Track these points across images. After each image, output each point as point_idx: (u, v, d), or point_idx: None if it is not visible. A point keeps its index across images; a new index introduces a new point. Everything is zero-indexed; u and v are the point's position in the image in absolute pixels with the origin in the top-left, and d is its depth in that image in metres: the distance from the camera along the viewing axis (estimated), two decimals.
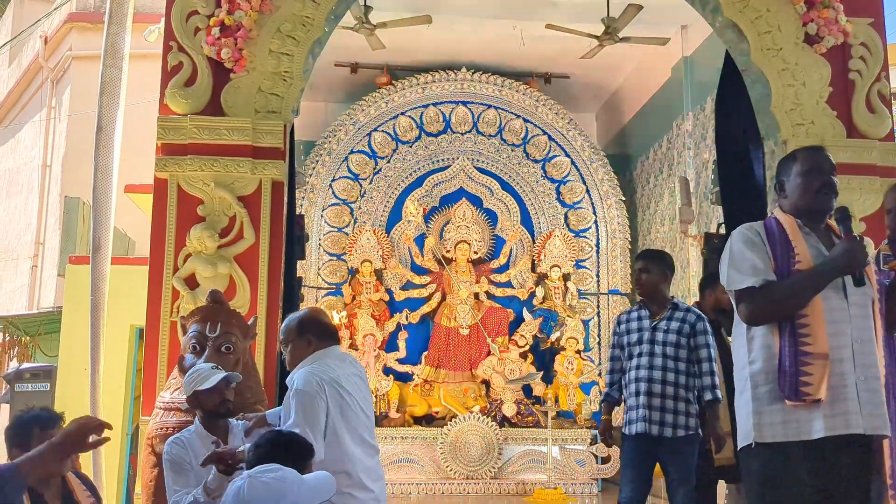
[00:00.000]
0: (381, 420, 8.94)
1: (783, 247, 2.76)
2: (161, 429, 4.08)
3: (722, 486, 5.36)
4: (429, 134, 10.20)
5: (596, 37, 8.44)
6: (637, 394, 4.67)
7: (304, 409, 3.26)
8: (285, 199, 5.49)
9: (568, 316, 9.62)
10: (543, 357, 9.60)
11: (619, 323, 4.94)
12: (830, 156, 2.98)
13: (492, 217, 10.18)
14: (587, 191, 10.21)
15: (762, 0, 5.74)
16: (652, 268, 4.89)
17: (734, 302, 2.82)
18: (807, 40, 5.76)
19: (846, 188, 5.62)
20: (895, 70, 6.94)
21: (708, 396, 4.68)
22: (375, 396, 9.01)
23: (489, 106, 10.18)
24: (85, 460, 6.09)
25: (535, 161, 10.25)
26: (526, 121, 10.19)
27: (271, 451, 3.05)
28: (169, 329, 5.11)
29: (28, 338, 11.56)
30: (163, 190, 5.32)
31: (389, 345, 9.48)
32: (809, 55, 5.74)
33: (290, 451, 3.07)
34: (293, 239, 5.92)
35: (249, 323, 4.45)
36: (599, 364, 9.80)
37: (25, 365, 9.96)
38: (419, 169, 10.19)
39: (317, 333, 3.57)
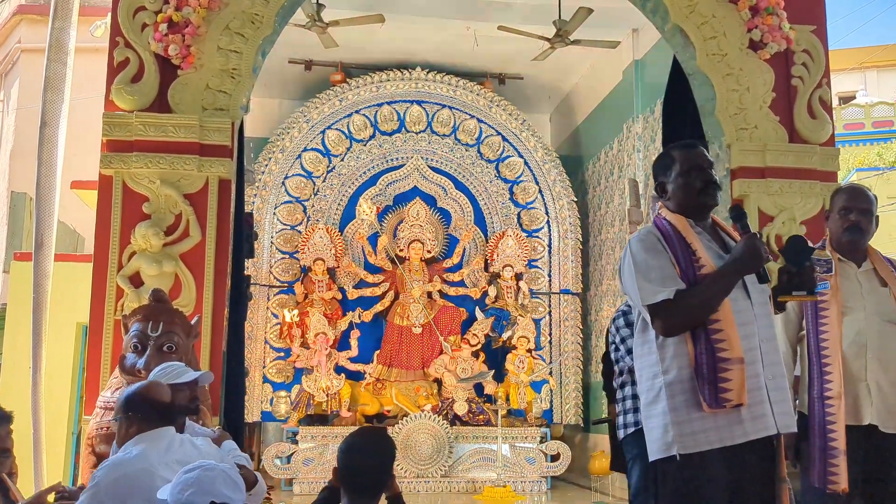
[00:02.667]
0: (332, 419, 8.93)
1: (683, 251, 2.72)
2: (100, 429, 4.04)
3: None
4: (383, 133, 10.18)
5: (547, 39, 8.49)
6: None
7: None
8: (233, 196, 5.46)
9: (520, 315, 9.68)
10: (495, 356, 9.64)
11: None
12: (706, 151, 2.93)
13: (445, 216, 10.20)
14: (540, 191, 10.28)
15: (708, 6, 5.84)
16: None
17: (648, 315, 2.71)
18: (751, 46, 5.86)
19: (787, 192, 5.75)
20: (836, 77, 7.09)
21: None
22: (327, 395, 8.98)
23: (443, 106, 10.19)
24: (27, 460, 6.00)
25: (489, 161, 10.29)
26: (480, 121, 10.22)
27: None
28: (113, 328, 5.06)
29: None
30: (108, 187, 5.27)
31: (341, 343, 9.45)
32: (754, 61, 5.85)
33: None
34: (241, 237, 5.89)
35: (193, 322, 4.42)
36: (550, 363, 9.88)
37: None
38: (373, 167, 10.18)
39: (142, 414, 3.09)
